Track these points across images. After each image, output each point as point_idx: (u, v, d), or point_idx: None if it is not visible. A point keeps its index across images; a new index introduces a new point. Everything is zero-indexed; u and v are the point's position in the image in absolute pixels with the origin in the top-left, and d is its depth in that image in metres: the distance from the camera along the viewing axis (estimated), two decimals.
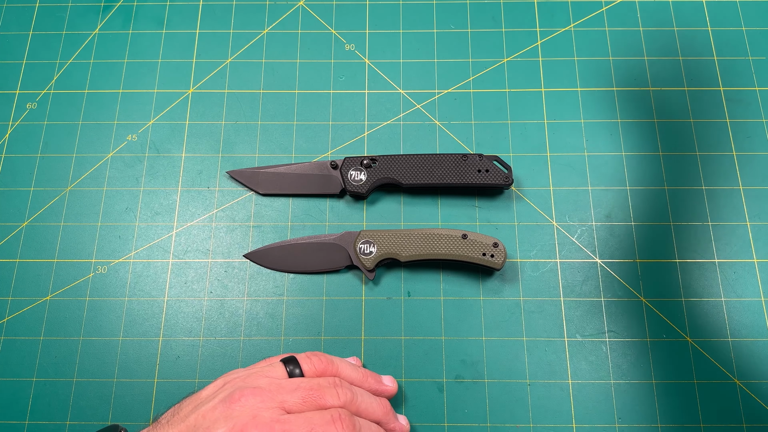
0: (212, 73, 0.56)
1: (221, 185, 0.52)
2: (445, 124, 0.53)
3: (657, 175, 0.51)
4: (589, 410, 0.44)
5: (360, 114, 0.54)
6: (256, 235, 0.50)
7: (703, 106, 0.53)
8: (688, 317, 0.47)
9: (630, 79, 0.55)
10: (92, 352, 0.47)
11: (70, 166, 0.52)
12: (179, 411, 0.36)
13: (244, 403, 0.34)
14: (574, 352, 0.46)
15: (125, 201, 0.51)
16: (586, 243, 0.49)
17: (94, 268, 0.49)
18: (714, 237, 0.49)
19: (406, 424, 0.41)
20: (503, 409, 0.45)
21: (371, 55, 0.56)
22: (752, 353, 0.46)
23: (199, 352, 0.47)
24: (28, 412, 0.45)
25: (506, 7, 0.58)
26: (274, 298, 0.48)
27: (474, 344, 0.46)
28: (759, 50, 0.55)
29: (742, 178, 0.51)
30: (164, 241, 0.50)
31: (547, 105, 0.54)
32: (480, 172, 0.49)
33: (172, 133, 0.54)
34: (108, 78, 0.56)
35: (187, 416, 0.35)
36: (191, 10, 0.58)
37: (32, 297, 0.48)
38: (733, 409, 0.44)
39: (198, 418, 0.34)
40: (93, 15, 0.58)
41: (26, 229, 0.50)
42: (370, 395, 0.39)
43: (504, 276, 0.48)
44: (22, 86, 0.55)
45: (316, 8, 0.58)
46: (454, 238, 0.46)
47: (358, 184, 0.50)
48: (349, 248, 0.48)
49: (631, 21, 0.57)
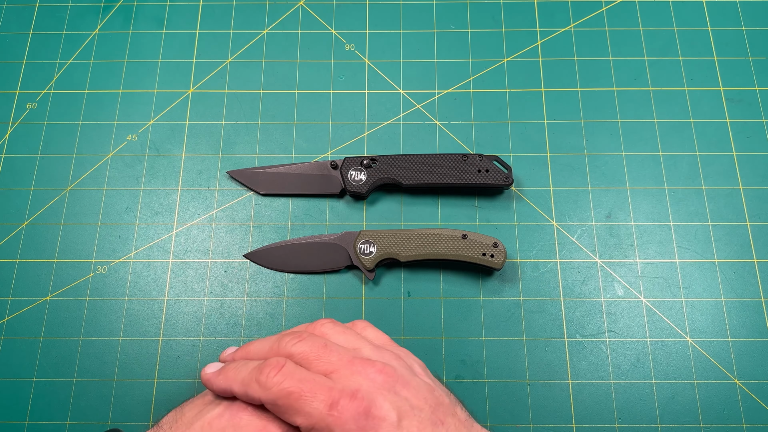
0: (212, 73, 0.56)
1: (221, 185, 0.52)
2: (445, 124, 0.53)
3: (657, 174, 0.51)
4: (589, 410, 0.44)
5: (360, 114, 0.54)
6: (256, 235, 0.50)
7: (703, 106, 0.54)
8: (688, 317, 0.47)
9: (630, 79, 0.55)
10: (92, 352, 0.47)
11: (70, 166, 0.52)
12: (182, 415, 0.35)
13: (252, 411, 0.33)
14: (574, 352, 0.46)
15: (125, 201, 0.51)
16: (586, 243, 0.49)
17: (94, 268, 0.49)
18: (714, 237, 0.49)
19: None
20: (503, 409, 0.45)
21: (371, 55, 0.56)
22: (752, 353, 0.46)
23: (199, 352, 0.47)
24: (28, 412, 0.45)
25: (506, 7, 0.58)
26: (274, 298, 0.48)
27: (474, 344, 0.46)
28: (759, 50, 0.55)
29: (742, 178, 0.51)
30: (164, 241, 0.50)
31: (547, 105, 0.54)
32: (480, 172, 0.49)
33: (172, 133, 0.54)
34: (108, 78, 0.56)
35: (191, 423, 0.33)
36: (191, 10, 0.58)
37: (32, 297, 0.48)
38: (733, 409, 0.44)
39: (204, 427, 0.33)
40: (93, 15, 0.58)
41: (26, 229, 0.50)
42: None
43: (504, 276, 0.48)
44: (22, 86, 0.55)
45: (316, 8, 0.58)
46: (454, 238, 0.46)
47: (358, 184, 0.50)
48: (349, 248, 0.48)
49: (631, 21, 0.57)
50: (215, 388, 0.34)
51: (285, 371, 0.32)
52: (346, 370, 0.33)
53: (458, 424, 0.33)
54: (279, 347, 0.35)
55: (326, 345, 0.34)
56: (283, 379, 0.31)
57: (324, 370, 0.33)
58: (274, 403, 0.31)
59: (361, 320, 0.39)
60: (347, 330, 0.37)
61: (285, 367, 0.32)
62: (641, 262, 0.49)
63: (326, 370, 0.33)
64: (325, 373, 0.33)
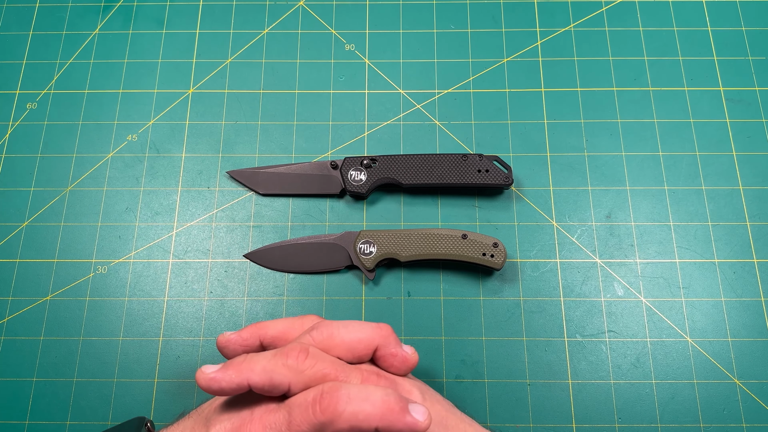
0: (212, 73, 0.56)
1: (221, 185, 0.52)
2: (445, 124, 0.53)
3: (657, 175, 0.51)
4: (589, 410, 0.44)
5: (360, 114, 0.54)
6: (256, 235, 0.50)
7: (703, 106, 0.53)
8: (688, 317, 0.47)
9: (630, 79, 0.55)
10: (92, 352, 0.47)
11: (70, 166, 0.52)
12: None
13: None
14: (574, 352, 0.46)
15: (125, 201, 0.51)
16: (586, 243, 0.49)
17: (94, 268, 0.49)
18: (714, 237, 0.49)
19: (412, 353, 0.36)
20: (503, 409, 0.45)
21: (371, 55, 0.56)
22: (752, 353, 0.46)
23: (199, 352, 0.47)
24: (28, 412, 0.45)
25: (506, 7, 0.58)
26: (274, 298, 0.48)
27: (474, 344, 0.46)
28: (759, 50, 0.55)
29: (742, 178, 0.51)
30: (164, 241, 0.50)
31: (547, 105, 0.54)
32: (480, 172, 0.49)
33: (172, 133, 0.54)
34: (108, 78, 0.56)
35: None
36: (191, 10, 0.58)
37: (32, 297, 0.48)
38: (733, 409, 0.44)
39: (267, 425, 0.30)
40: (93, 15, 0.58)
41: (26, 229, 0.50)
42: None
43: (504, 276, 0.48)
44: (22, 86, 0.55)
45: (316, 8, 0.58)
46: (454, 238, 0.46)
47: (358, 184, 0.50)
48: (349, 248, 0.48)
49: (631, 21, 0.57)
50: (224, 385, 0.30)
51: (315, 354, 0.31)
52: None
53: (466, 418, 0.36)
54: (302, 326, 0.36)
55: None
56: (316, 362, 0.31)
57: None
58: (306, 387, 0.30)
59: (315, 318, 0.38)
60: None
61: (312, 350, 0.32)
62: (641, 262, 0.49)
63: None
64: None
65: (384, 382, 0.33)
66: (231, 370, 0.31)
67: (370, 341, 0.34)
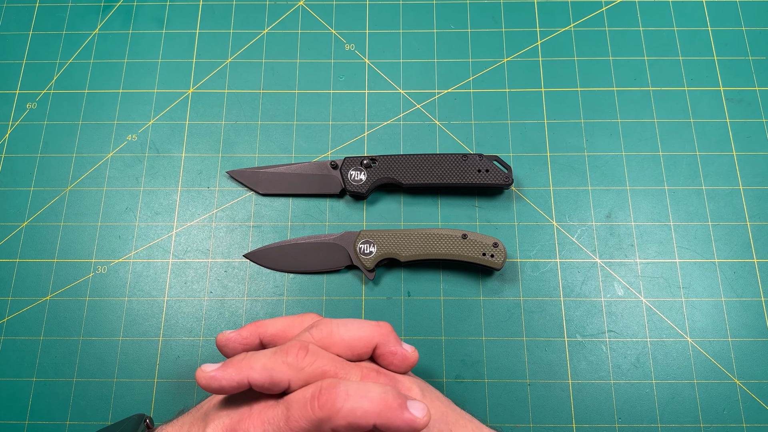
0: (212, 73, 0.56)
1: (221, 185, 0.52)
2: (445, 124, 0.53)
3: (657, 175, 0.51)
4: (589, 410, 0.44)
5: (360, 114, 0.54)
6: (256, 235, 0.50)
7: (703, 106, 0.53)
8: (688, 317, 0.47)
9: (630, 79, 0.55)
10: (92, 352, 0.47)
11: (70, 166, 0.52)
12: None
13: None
14: (574, 352, 0.46)
15: (125, 201, 0.51)
16: (586, 243, 0.49)
17: (94, 268, 0.49)
18: (714, 237, 0.49)
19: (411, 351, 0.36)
20: (503, 409, 0.45)
21: (371, 55, 0.56)
22: (752, 353, 0.46)
23: (199, 352, 0.47)
24: (28, 412, 0.45)
25: (506, 7, 0.58)
26: (274, 298, 0.48)
27: (474, 344, 0.46)
28: (759, 50, 0.55)
29: (742, 178, 0.51)
30: (164, 241, 0.50)
31: (547, 105, 0.54)
32: (480, 172, 0.49)
33: (172, 133, 0.54)
34: (108, 78, 0.56)
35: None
36: (191, 10, 0.58)
37: (32, 297, 0.48)
38: (733, 409, 0.44)
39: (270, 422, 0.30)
40: (93, 15, 0.58)
41: (26, 229, 0.50)
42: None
43: (504, 276, 0.48)
44: (22, 86, 0.55)
45: (316, 8, 0.58)
46: (454, 238, 0.46)
47: (358, 184, 0.50)
48: (349, 248, 0.48)
49: (631, 21, 0.57)
50: (224, 383, 0.30)
51: (314, 351, 0.32)
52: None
53: (465, 415, 0.36)
54: (302, 324, 0.36)
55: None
56: (315, 359, 0.31)
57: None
58: (305, 384, 0.30)
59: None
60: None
61: (311, 348, 0.32)
62: (641, 262, 0.49)
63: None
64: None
65: (384, 379, 0.33)
66: (231, 369, 0.31)
67: (370, 339, 0.34)
